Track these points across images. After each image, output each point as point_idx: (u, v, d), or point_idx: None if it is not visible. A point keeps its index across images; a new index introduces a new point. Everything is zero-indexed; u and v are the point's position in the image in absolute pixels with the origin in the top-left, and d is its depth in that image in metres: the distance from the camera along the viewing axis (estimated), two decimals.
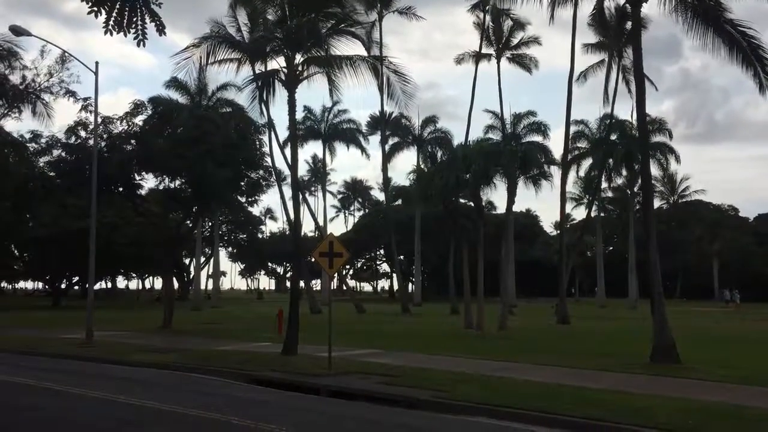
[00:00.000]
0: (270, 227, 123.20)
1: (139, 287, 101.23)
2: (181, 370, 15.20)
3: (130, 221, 42.71)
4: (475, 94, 45.19)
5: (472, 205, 31.09)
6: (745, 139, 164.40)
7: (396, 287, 75.44)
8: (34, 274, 66.88)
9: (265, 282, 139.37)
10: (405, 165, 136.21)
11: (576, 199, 64.66)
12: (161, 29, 6.47)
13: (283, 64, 18.85)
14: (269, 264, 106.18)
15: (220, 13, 42.89)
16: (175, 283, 44.67)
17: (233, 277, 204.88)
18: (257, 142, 28.56)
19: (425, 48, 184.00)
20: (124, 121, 26.45)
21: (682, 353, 15.77)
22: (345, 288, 62.76)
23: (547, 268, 65.76)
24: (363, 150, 52.97)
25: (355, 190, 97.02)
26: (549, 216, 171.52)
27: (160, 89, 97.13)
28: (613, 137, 47.25)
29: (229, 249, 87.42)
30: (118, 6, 6.26)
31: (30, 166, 33.65)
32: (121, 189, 28.11)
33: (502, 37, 48.87)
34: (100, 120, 25.38)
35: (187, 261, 68.12)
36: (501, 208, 53.39)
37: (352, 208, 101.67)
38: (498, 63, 49.22)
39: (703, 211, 79.51)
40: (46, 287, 68.43)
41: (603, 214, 71.33)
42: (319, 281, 60.95)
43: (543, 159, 35.19)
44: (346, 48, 19.26)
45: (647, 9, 26.81)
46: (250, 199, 32.89)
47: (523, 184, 34.04)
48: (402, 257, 62.34)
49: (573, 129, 45.93)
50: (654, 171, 48.43)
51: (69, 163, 27.44)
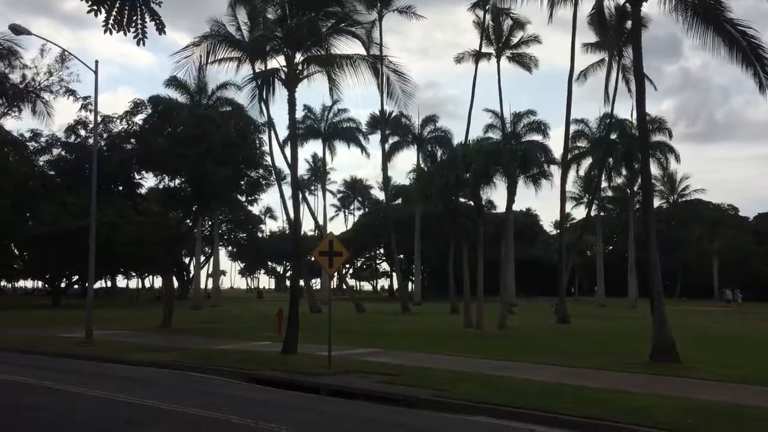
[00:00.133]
0: (270, 226, 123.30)
1: (139, 286, 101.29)
2: (181, 369, 15.21)
3: (129, 220, 42.72)
4: (475, 93, 45.32)
5: (472, 204, 31.08)
6: (745, 138, 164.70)
7: (396, 286, 75.53)
8: (34, 273, 66.86)
9: (264, 281, 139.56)
10: (405, 164, 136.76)
11: (576, 198, 64.66)
12: (161, 28, 6.46)
13: (283, 63, 18.84)
14: (269, 263, 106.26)
15: (219, 12, 42.87)
16: (175, 283, 44.72)
17: (233, 276, 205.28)
18: (257, 141, 28.58)
19: (425, 47, 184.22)
20: (124, 120, 26.46)
21: (681, 353, 15.78)
22: (345, 287, 62.76)
23: (547, 267, 65.76)
24: (363, 149, 53.01)
25: (355, 189, 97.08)
26: (549, 215, 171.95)
27: (160, 88, 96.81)
28: (613, 136, 47.28)
29: (229, 248, 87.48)
30: (117, 5, 6.25)
31: (30, 165, 33.68)
32: (120, 188, 28.11)
33: (502, 36, 48.91)
34: (99, 119, 25.38)
35: (186, 260, 68.15)
36: (501, 207, 53.40)
37: (351, 207, 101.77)
38: (498, 62, 49.33)
39: (703, 211, 79.51)
40: (46, 286, 68.42)
41: (603, 214, 71.37)
42: (319, 280, 60.91)
43: (543, 158, 35.22)
44: (345, 47, 19.25)
45: (647, 8, 26.73)
46: (249, 198, 32.88)
47: (523, 183, 34.07)
48: (402, 256, 62.32)
49: (573, 128, 46.03)
50: (654, 170, 48.45)
51: (69, 162, 27.45)
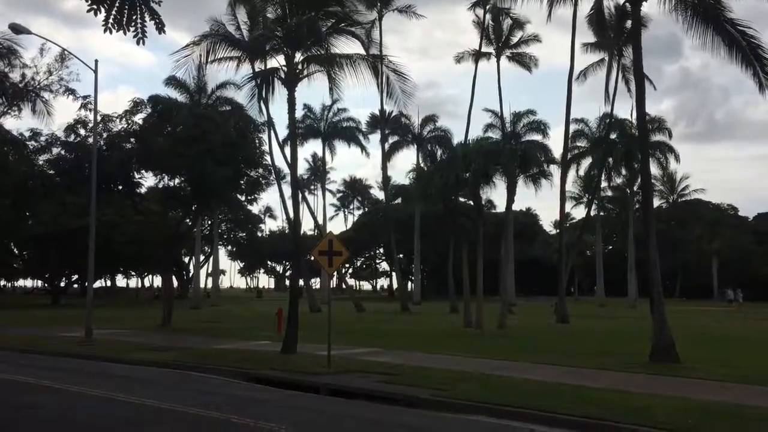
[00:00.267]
0: (269, 226, 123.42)
1: (139, 285, 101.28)
2: (181, 369, 15.20)
3: (129, 219, 42.73)
4: (474, 92, 45.34)
5: (472, 204, 31.09)
6: (744, 138, 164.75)
7: (395, 286, 75.51)
8: (34, 272, 66.88)
9: (264, 280, 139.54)
10: (405, 164, 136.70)
11: (576, 198, 64.69)
12: (161, 27, 6.46)
13: (282, 62, 18.80)
14: (269, 262, 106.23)
15: (219, 11, 42.83)
16: (175, 282, 44.67)
17: (233, 276, 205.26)
18: (257, 141, 28.58)
19: (425, 46, 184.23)
20: (124, 119, 26.45)
21: (681, 352, 15.76)
22: (344, 287, 62.77)
23: (547, 267, 65.78)
24: (363, 149, 53.02)
25: (355, 189, 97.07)
26: (548, 215, 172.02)
27: (160, 87, 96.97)
28: (612, 136, 47.28)
29: (229, 247, 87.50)
30: (117, 4, 6.25)
31: (29, 164, 33.71)
32: (120, 187, 28.10)
33: (502, 36, 48.93)
34: (99, 118, 25.35)
35: (186, 259, 68.12)
36: (501, 207, 53.41)
37: (351, 207, 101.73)
38: (498, 62, 49.36)
39: (703, 211, 79.52)
40: (45, 285, 68.40)
41: (602, 213, 71.39)
42: (318, 280, 60.92)
43: (543, 158, 35.23)
44: (345, 47, 19.23)
45: (647, 8, 26.71)
46: (249, 198, 32.89)
47: (522, 183, 34.06)
48: (401, 256, 62.31)
49: (573, 128, 46.08)
50: (654, 170, 48.49)
51: (68, 161, 27.45)
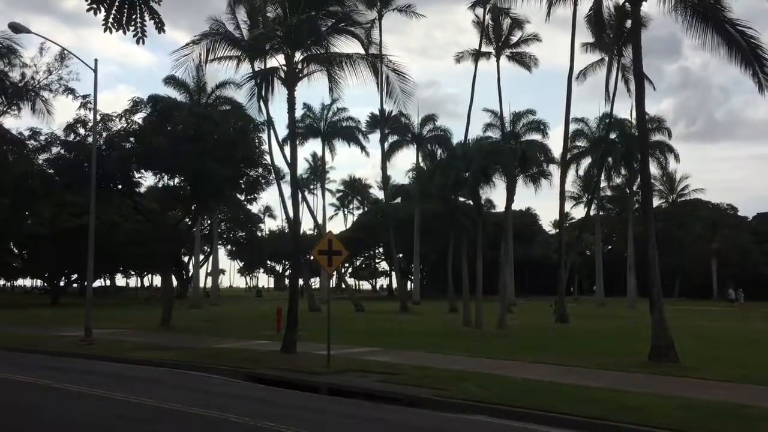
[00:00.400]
0: (269, 225, 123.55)
1: (138, 285, 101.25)
2: (180, 368, 15.21)
3: (129, 219, 42.71)
4: (474, 92, 45.39)
5: (471, 203, 31.09)
6: (744, 138, 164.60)
7: (395, 285, 75.49)
8: (33, 271, 66.74)
9: (264, 280, 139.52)
10: (404, 163, 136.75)
11: (575, 197, 64.67)
12: (160, 27, 6.46)
13: (282, 61, 18.81)
14: (268, 262, 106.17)
15: (219, 11, 42.72)
16: (174, 281, 44.65)
17: (232, 275, 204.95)
18: (256, 140, 28.57)
19: (425, 46, 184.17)
20: (123, 118, 26.44)
21: (680, 352, 15.78)
22: (344, 286, 62.79)
23: (546, 266, 65.79)
24: (362, 148, 52.99)
25: (354, 189, 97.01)
26: (548, 215, 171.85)
27: (160, 87, 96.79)
28: (612, 136, 47.25)
29: (228, 247, 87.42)
30: (117, 3, 6.24)
31: (29, 164, 33.70)
32: (120, 186, 28.10)
33: (502, 36, 48.94)
34: (99, 117, 25.35)
35: (186, 259, 68.08)
36: (500, 206, 53.36)
37: (351, 207, 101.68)
38: (497, 61, 49.37)
39: (702, 210, 79.49)
40: (45, 285, 68.33)
41: (602, 213, 71.36)
42: (318, 279, 60.93)
43: (542, 157, 35.29)
44: (345, 47, 19.23)
45: (647, 8, 26.75)
46: (249, 197, 32.91)
47: (522, 182, 34.12)
48: (401, 255, 62.29)
49: (572, 127, 46.07)
50: (653, 170, 48.46)
51: (68, 160, 27.42)
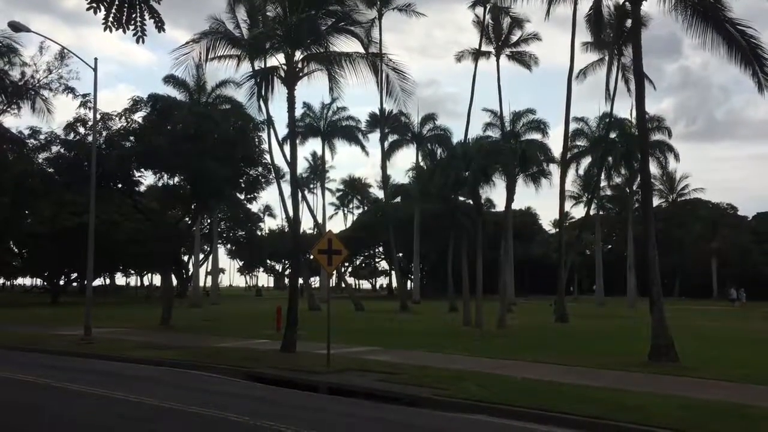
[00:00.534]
0: (269, 224, 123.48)
1: (138, 284, 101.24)
2: (180, 367, 15.21)
3: (129, 218, 42.69)
4: (474, 91, 45.44)
5: (471, 203, 31.09)
6: (744, 137, 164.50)
7: (395, 285, 75.51)
8: (33, 270, 66.71)
9: (263, 279, 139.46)
10: (404, 163, 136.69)
11: (575, 197, 64.69)
12: (160, 26, 6.46)
13: (282, 60, 18.80)
14: (268, 261, 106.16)
15: (219, 10, 42.74)
16: (174, 280, 44.65)
17: (232, 275, 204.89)
18: (256, 139, 28.56)
19: (425, 45, 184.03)
20: (123, 117, 26.43)
21: (680, 352, 15.77)
22: (344, 285, 62.83)
23: (546, 266, 65.77)
24: (362, 147, 53.02)
25: (354, 188, 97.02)
26: (548, 214, 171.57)
27: (160, 86, 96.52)
28: (612, 135, 47.25)
29: (228, 246, 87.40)
30: (117, 2, 6.24)
31: (29, 163, 33.67)
32: (120, 185, 28.09)
33: (502, 35, 48.96)
34: (99, 116, 25.34)
35: (185, 258, 68.07)
36: (500, 206, 53.39)
37: (351, 206, 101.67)
38: (497, 60, 49.41)
39: (702, 210, 79.50)
40: (44, 284, 68.31)
41: (602, 213, 71.37)
42: (317, 278, 60.95)
43: (542, 157, 35.26)
44: (345, 46, 19.23)
45: (647, 7, 26.69)
46: (248, 196, 32.88)
47: (522, 182, 34.09)
48: (401, 255, 62.30)
49: (572, 127, 46.10)
50: (653, 169, 48.45)
51: (68, 159, 27.41)
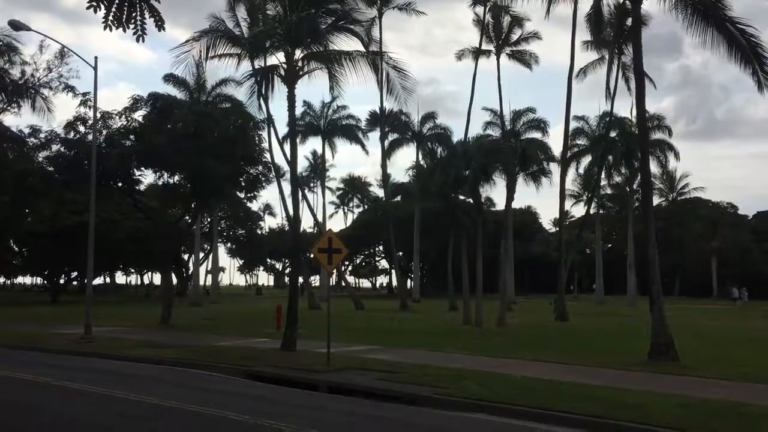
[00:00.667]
0: (269, 223, 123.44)
1: (138, 282, 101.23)
2: (180, 366, 15.21)
3: (129, 216, 42.70)
4: (474, 90, 45.40)
5: (471, 201, 31.10)
6: (744, 136, 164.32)
7: (395, 283, 75.51)
8: (33, 269, 66.72)
9: (264, 278, 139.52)
10: (404, 161, 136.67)
11: (575, 196, 64.66)
12: (160, 25, 6.45)
13: (282, 59, 18.80)
14: (268, 260, 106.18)
15: (219, 8, 42.70)
16: (174, 279, 44.67)
17: (232, 273, 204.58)
18: (256, 138, 28.55)
19: (425, 44, 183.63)
20: (123, 116, 26.43)
21: (680, 351, 15.77)
22: (344, 284, 62.85)
23: (546, 264, 65.76)
24: (363, 146, 53.03)
25: (354, 187, 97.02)
26: (548, 213, 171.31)
27: (160, 85, 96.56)
28: (612, 134, 47.25)
29: (228, 245, 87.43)
30: (117, 1, 6.24)
31: (29, 161, 33.66)
32: (120, 184, 28.10)
33: (502, 34, 48.95)
34: (99, 115, 25.34)
35: (185, 257, 68.09)
36: (500, 204, 53.43)
37: (351, 205, 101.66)
38: (498, 59, 49.39)
39: (702, 209, 79.44)
40: (44, 282, 68.31)
41: (602, 211, 71.35)
42: (318, 277, 60.97)
43: (542, 156, 35.27)
44: (345, 44, 19.23)
45: (647, 6, 26.62)
46: (249, 195, 32.88)
47: (522, 180, 34.09)
48: (401, 253, 62.28)
49: (573, 125, 46.08)
50: (653, 168, 48.45)
51: (68, 158, 27.42)
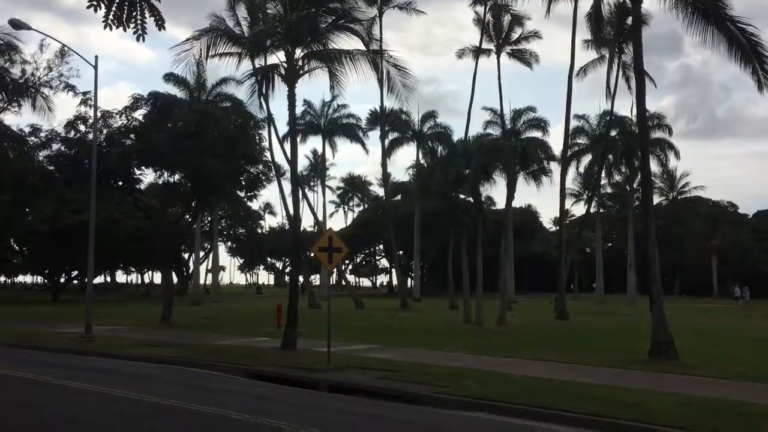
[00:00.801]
0: (269, 222, 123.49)
1: (138, 281, 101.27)
2: (180, 365, 15.22)
3: (129, 215, 42.70)
4: (475, 89, 45.45)
5: (472, 200, 31.10)
6: (745, 135, 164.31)
7: (395, 282, 75.54)
8: (33, 268, 66.74)
9: (264, 277, 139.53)
10: (404, 160, 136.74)
11: (575, 195, 64.67)
12: (160, 24, 6.46)
13: (282, 58, 18.79)
14: (268, 259, 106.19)
15: (219, 7, 42.47)
16: (174, 278, 44.68)
17: (232, 272, 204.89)
18: (257, 137, 28.55)
19: (425, 43, 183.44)
20: (124, 115, 26.44)
21: (680, 349, 15.78)
22: (344, 283, 62.86)
23: (546, 263, 65.79)
24: (363, 145, 53.01)
25: (354, 186, 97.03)
26: (548, 212, 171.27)
27: (160, 84, 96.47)
28: (612, 133, 47.25)
29: (229, 244, 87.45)
30: (117, 0, 6.24)
31: (29, 160, 33.69)
32: (120, 183, 28.11)
33: (502, 33, 48.96)
34: (99, 114, 25.34)
35: (186, 255, 68.09)
36: (500, 203, 53.43)
37: (351, 204, 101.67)
38: (498, 58, 49.41)
39: (702, 208, 79.45)
40: (45, 281, 68.33)
41: (602, 210, 71.35)
42: (318, 276, 61.00)
43: (542, 155, 35.28)
44: (345, 43, 19.22)
45: (648, 5, 26.74)
46: (249, 194, 32.89)
47: (522, 179, 34.10)
48: (401, 252, 62.27)
49: (573, 124, 46.09)
50: (653, 167, 48.57)
51: (68, 157, 27.44)
